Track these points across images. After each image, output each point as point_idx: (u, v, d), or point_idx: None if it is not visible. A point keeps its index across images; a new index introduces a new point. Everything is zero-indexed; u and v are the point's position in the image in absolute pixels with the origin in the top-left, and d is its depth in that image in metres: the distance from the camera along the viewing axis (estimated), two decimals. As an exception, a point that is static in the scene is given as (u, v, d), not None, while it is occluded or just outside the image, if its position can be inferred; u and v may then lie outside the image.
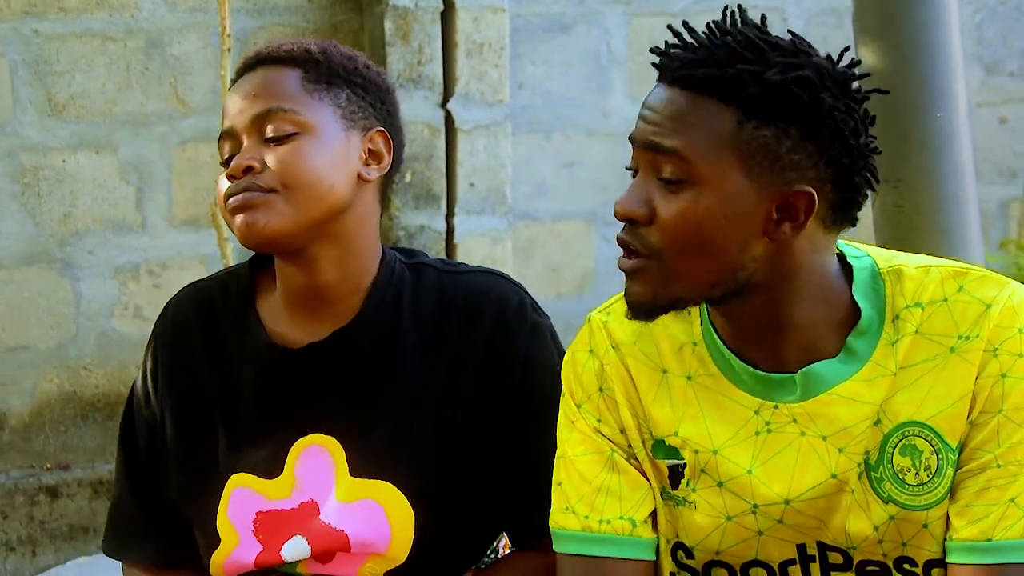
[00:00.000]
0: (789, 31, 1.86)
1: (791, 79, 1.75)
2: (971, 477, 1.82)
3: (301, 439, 2.09)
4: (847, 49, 1.85)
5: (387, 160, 2.11)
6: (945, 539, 1.84)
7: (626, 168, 1.86)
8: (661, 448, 1.91)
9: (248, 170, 2.02)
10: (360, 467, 2.07)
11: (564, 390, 1.97)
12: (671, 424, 1.90)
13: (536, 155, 4.94)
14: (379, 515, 2.06)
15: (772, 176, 1.77)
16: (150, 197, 4.51)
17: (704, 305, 1.89)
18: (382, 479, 2.07)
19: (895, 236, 2.96)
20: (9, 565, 4.30)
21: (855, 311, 1.84)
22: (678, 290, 1.80)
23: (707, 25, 1.82)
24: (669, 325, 1.91)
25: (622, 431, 1.93)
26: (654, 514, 1.93)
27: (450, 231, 4.69)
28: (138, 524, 2.20)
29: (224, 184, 2.05)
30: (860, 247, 1.92)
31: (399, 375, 2.09)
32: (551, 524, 1.96)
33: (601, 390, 1.93)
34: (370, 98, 2.11)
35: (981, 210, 3.10)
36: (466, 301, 2.10)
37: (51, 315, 4.45)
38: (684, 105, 1.77)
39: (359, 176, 2.07)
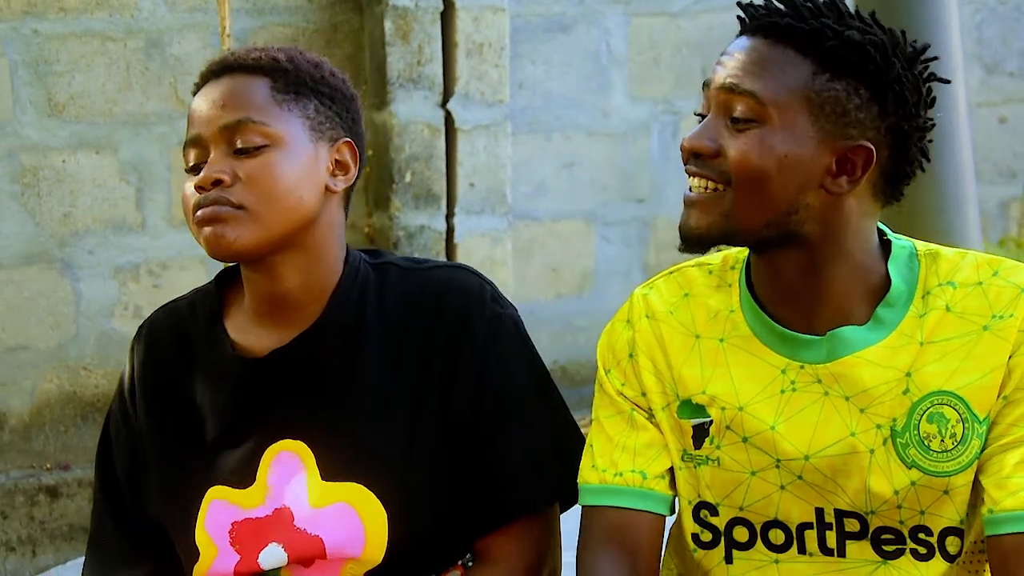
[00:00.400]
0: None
1: (868, 40, 1.87)
2: (1008, 451, 1.88)
3: (272, 446, 2.09)
4: (915, 41, 1.96)
5: (353, 171, 2.11)
6: (985, 512, 1.89)
7: (695, 114, 1.95)
8: (687, 408, 2.00)
9: (217, 183, 2.02)
10: (330, 470, 2.08)
11: (598, 358, 2.07)
12: (700, 383, 1.98)
13: (536, 155, 4.94)
14: (352, 518, 2.07)
15: (836, 129, 1.87)
16: (150, 197, 4.51)
17: (743, 274, 1.99)
18: (352, 481, 2.07)
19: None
20: (9, 565, 4.30)
21: (887, 284, 1.93)
22: (734, 223, 1.89)
23: None
24: (709, 296, 2.01)
25: (643, 394, 2.02)
26: (671, 472, 2.02)
27: (450, 231, 4.69)
28: (126, 550, 2.19)
29: (191, 192, 2.05)
30: (902, 236, 2.00)
31: (364, 375, 2.09)
32: (579, 480, 2.03)
33: (631, 356, 2.03)
34: (336, 108, 2.11)
35: (981, 210, 3.10)
36: (429, 296, 2.11)
37: (51, 315, 4.45)
38: (764, 52, 1.89)
39: (326, 187, 2.08)
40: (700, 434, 1.99)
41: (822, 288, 1.91)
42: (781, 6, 1.91)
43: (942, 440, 1.90)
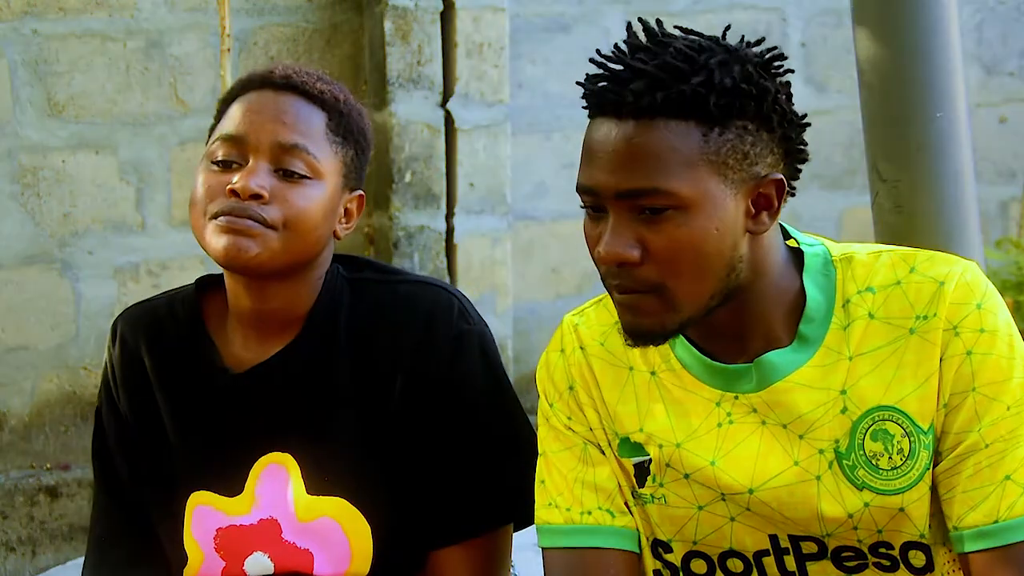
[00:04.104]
0: (676, 26, 1.86)
1: (738, 78, 1.77)
2: (960, 462, 1.81)
3: (262, 457, 2.10)
4: (728, 28, 1.86)
5: (355, 223, 2.14)
6: (951, 529, 1.83)
7: (584, 207, 1.81)
8: (626, 446, 1.93)
9: (256, 197, 2.02)
10: (315, 484, 2.09)
11: (539, 391, 1.99)
12: (635, 421, 1.91)
13: (536, 155, 4.94)
14: (337, 532, 2.08)
15: (744, 174, 1.78)
16: (150, 197, 4.51)
17: None
18: (336, 495, 2.08)
19: (895, 236, 2.95)
20: (9, 565, 4.30)
21: (803, 297, 1.85)
22: (685, 313, 1.79)
23: (625, 48, 1.80)
24: None
25: (591, 429, 1.95)
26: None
27: (450, 231, 4.69)
28: (132, 550, 2.18)
29: (216, 188, 2.03)
30: (815, 237, 1.92)
31: (339, 391, 2.10)
32: (535, 521, 1.97)
33: (571, 388, 1.95)
34: (364, 161, 2.14)
35: (981, 210, 3.09)
36: (398, 311, 2.11)
37: (51, 315, 4.44)
38: (648, 137, 1.75)
39: (335, 231, 2.11)
40: (641, 473, 1.91)
41: (750, 320, 1.84)
42: (634, 76, 1.76)
43: (890, 457, 1.82)
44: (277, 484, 2.09)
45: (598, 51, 1.81)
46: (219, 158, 2.05)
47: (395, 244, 4.59)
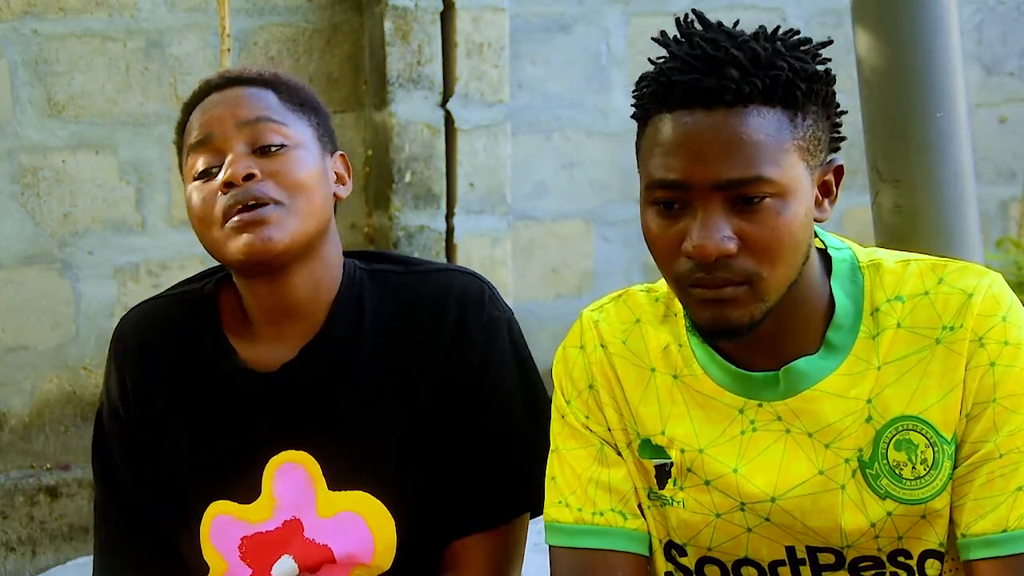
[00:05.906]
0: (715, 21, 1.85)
1: (818, 61, 1.78)
2: (974, 470, 1.81)
3: (274, 457, 2.08)
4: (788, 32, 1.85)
5: (350, 183, 2.13)
6: (958, 536, 1.82)
7: (656, 202, 1.76)
8: (648, 447, 1.91)
9: (249, 178, 2.00)
10: (336, 479, 2.07)
11: (555, 385, 1.97)
12: (657, 423, 1.90)
13: (536, 155, 4.94)
14: (360, 526, 2.06)
15: (817, 159, 1.78)
16: (150, 197, 4.51)
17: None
18: (358, 489, 2.07)
19: (895, 236, 2.95)
20: (9, 565, 4.30)
21: (832, 303, 1.84)
22: (770, 302, 1.77)
23: (703, 38, 1.78)
24: (658, 327, 1.92)
25: (609, 429, 1.93)
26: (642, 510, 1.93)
27: (450, 231, 4.69)
28: (137, 551, 2.16)
29: (210, 196, 2.02)
30: (841, 238, 1.91)
31: (364, 383, 2.08)
32: (544, 518, 1.96)
33: (591, 387, 1.93)
34: (329, 124, 2.14)
35: (981, 210, 3.09)
36: (428, 302, 2.10)
37: (51, 315, 4.45)
38: (746, 125, 1.72)
39: (334, 194, 2.10)
40: (662, 475, 1.90)
41: (786, 324, 1.81)
42: (735, 65, 1.73)
43: (913, 467, 1.82)
44: (296, 483, 2.07)
45: (666, 43, 1.79)
46: (200, 169, 2.04)
47: (395, 244, 4.59)
